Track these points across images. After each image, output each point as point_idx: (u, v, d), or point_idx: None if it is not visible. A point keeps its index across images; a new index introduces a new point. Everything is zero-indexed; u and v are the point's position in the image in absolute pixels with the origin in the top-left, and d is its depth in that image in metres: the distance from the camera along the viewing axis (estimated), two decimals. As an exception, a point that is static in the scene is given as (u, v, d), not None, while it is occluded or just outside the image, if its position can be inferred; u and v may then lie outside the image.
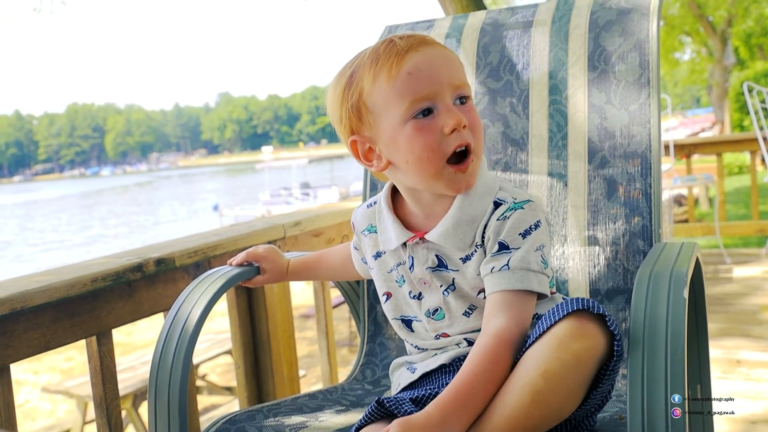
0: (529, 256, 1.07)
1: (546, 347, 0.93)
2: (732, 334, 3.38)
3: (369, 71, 1.11)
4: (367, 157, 1.17)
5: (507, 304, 1.05)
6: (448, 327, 1.19)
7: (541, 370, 0.92)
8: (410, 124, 1.08)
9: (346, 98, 1.14)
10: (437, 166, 1.08)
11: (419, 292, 1.21)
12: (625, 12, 1.53)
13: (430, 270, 1.17)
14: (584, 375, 0.94)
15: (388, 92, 1.09)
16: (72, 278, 1.36)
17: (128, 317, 1.51)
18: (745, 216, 7.80)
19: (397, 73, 1.08)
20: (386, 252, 1.23)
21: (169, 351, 1.21)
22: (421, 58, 1.09)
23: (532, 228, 1.09)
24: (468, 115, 1.10)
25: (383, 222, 1.23)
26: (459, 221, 1.13)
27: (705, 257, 5.15)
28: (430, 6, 63.34)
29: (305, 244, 2.07)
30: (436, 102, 1.08)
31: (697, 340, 1.30)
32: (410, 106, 1.07)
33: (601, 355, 0.94)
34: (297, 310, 7.25)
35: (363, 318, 1.70)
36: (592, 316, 0.95)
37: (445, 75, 1.09)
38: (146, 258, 1.53)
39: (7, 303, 1.23)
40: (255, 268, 1.42)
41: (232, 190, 49.68)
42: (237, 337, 1.89)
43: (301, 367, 5.48)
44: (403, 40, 1.10)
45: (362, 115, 1.13)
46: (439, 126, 1.07)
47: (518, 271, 1.06)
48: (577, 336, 0.93)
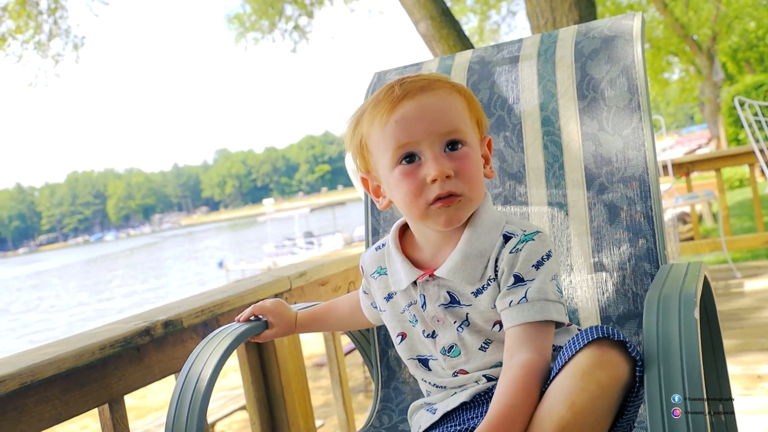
0: (546, 286, 1.08)
1: (570, 379, 0.93)
2: (750, 349, 3.34)
3: (369, 116, 1.16)
4: (376, 193, 1.24)
5: (529, 336, 1.06)
6: (465, 363, 1.18)
7: (567, 402, 0.91)
8: (398, 169, 1.13)
9: (354, 139, 1.21)
10: (421, 210, 1.12)
11: (432, 331, 1.20)
12: (608, 39, 1.55)
13: (442, 307, 1.17)
14: (610, 404, 0.93)
15: (379, 138, 1.14)
16: (80, 347, 1.35)
17: (139, 382, 1.49)
18: (750, 229, 7.77)
19: (387, 121, 1.13)
20: (397, 293, 1.24)
21: (182, 412, 1.19)
22: (412, 105, 1.12)
23: (544, 258, 1.10)
24: (457, 162, 1.11)
25: (392, 263, 1.24)
26: (468, 255, 1.14)
27: (714, 273, 5.11)
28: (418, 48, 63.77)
29: (312, 294, 2.06)
30: (422, 150, 1.11)
31: (714, 359, 1.29)
32: (394, 153, 1.13)
33: (625, 383, 0.94)
34: (309, 359, 7.20)
35: (375, 364, 1.69)
36: (612, 343, 0.95)
37: (434, 123, 1.11)
38: (154, 321, 1.52)
39: (16, 378, 1.22)
40: (263, 322, 1.41)
41: (237, 244, 49.73)
42: (250, 392, 1.87)
43: (318, 416, 5.42)
44: (403, 87, 1.14)
45: (365, 156, 1.21)
46: (423, 175, 1.11)
47: (537, 302, 1.07)
48: (600, 365, 0.93)
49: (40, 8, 9.74)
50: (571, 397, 0.91)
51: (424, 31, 5.66)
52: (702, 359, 0.90)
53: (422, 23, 5.63)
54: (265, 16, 12.55)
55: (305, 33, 12.69)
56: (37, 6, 9.68)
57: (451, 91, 1.16)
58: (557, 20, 5.02)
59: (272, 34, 12.74)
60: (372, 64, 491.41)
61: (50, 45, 10.05)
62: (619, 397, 0.94)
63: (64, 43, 10.21)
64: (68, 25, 10.21)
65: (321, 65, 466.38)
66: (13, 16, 9.46)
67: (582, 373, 0.92)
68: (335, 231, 28.20)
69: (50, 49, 10.09)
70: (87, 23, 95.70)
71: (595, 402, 0.91)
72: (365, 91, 1.77)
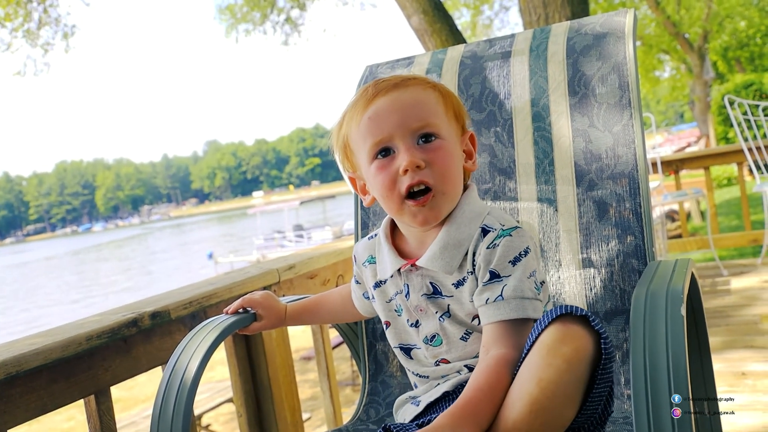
0: (522, 284, 1.09)
1: (536, 356, 0.94)
2: (735, 347, 3.37)
3: (348, 116, 1.22)
4: (363, 192, 1.27)
5: (505, 333, 1.07)
6: (446, 353, 1.21)
7: (535, 379, 0.92)
8: (374, 164, 1.17)
9: (338, 140, 1.25)
10: (397, 203, 1.15)
11: (416, 320, 1.23)
12: (600, 36, 1.55)
13: (425, 297, 1.20)
14: (577, 377, 0.94)
15: (357, 135, 1.19)
16: (67, 338, 1.34)
17: (126, 374, 1.49)
18: (737, 227, 7.82)
19: (361, 118, 1.17)
20: (386, 281, 1.26)
21: (169, 404, 1.19)
22: (384, 102, 1.16)
23: (521, 255, 1.11)
24: (429, 154, 1.14)
25: (381, 252, 1.27)
26: (446, 245, 1.16)
27: (701, 271, 5.14)
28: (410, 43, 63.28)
29: (300, 287, 2.06)
30: (395, 143, 1.15)
31: (700, 355, 1.30)
32: (371, 148, 1.16)
33: (591, 356, 0.95)
34: (297, 352, 7.20)
35: (363, 357, 1.69)
36: (575, 318, 0.96)
37: (406, 117, 1.14)
38: (141, 312, 1.52)
39: (1, 369, 1.22)
40: (251, 315, 1.41)
41: (226, 237, 49.58)
42: (237, 385, 1.86)
43: (305, 410, 5.42)
44: (377, 86, 1.18)
45: (348, 156, 1.25)
46: (396, 166, 1.13)
47: (513, 300, 1.08)
48: (564, 340, 0.94)
49: (29, -4, 9.66)
50: (538, 374, 0.92)
51: (417, 25, 5.65)
52: (688, 356, 0.91)
53: (415, 17, 5.63)
54: (256, 8, 12.49)
55: (297, 26, 12.65)
56: (26, -6, 9.60)
57: (425, 87, 1.19)
58: (550, 16, 5.03)
59: (264, 26, 12.68)
60: (364, 57, 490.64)
61: (40, 34, 9.98)
62: (586, 370, 0.95)
63: (54, 32, 10.14)
64: (58, 14, 10.16)
65: (312, 58, 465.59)
66: (2, 4, 9.39)
67: (547, 349, 0.93)
68: (325, 224, 28.16)
69: (40, 38, 10.02)
70: (77, 12, 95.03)
71: (562, 376, 0.92)
72: (356, 84, 1.76)
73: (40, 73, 10.64)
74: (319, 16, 17.40)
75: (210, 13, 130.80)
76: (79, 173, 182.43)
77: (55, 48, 10.32)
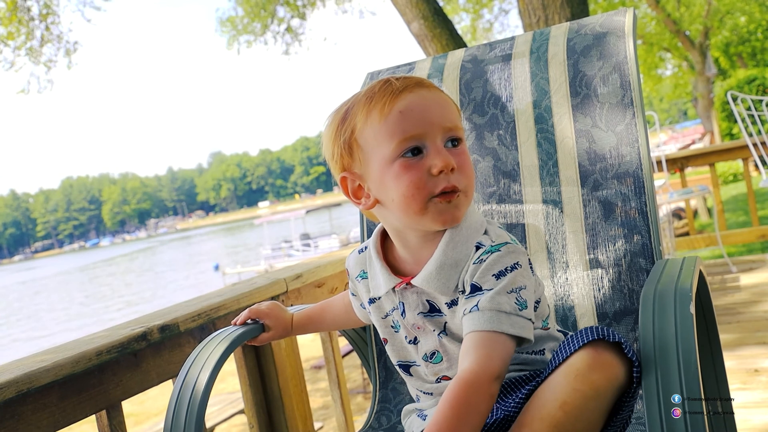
0: (500, 297, 1.03)
1: (564, 379, 0.92)
2: (747, 343, 3.35)
3: (363, 109, 1.12)
4: (356, 195, 1.18)
5: (474, 345, 1.00)
6: (447, 370, 1.17)
7: (559, 402, 0.91)
8: (398, 162, 1.08)
9: (339, 134, 1.15)
10: (422, 203, 1.08)
11: (414, 337, 1.20)
12: (600, 36, 1.55)
13: (422, 315, 1.16)
14: (603, 405, 0.93)
15: (379, 130, 1.10)
16: (77, 354, 1.35)
17: (136, 388, 1.49)
18: (745, 223, 7.80)
19: (389, 112, 1.09)
20: (380, 298, 1.22)
21: (180, 417, 1.19)
22: (414, 98, 1.10)
23: (507, 270, 1.05)
24: (458, 158, 1.10)
25: (373, 268, 1.23)
26: (443, 265, 1.11)
27: (710, 268, 5.12)
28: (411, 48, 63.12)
29: (308, 296, 2.06)
30: (426, 142, 1.08)
31: (711, 353, 1.29)
32: (399, 145, 1.08)
33: (620, 384, 0.93)
34: (307, 362, 7.20)
35: (373, 364, 1.69)
36: (608, 345, 0.94)
37: (437, 116, 1.09)
38: (150, 326, 1.52)
39: (13, 386, 1.22)
40: (259, 325, 1.41)
41: (233, 248, 49.68)
42: (248, 396, 1.86)
43: (317, 419, 5.41)
44: (400, 81, 1.11)
45: (353, 152, 1.14)
46: (427, 166, 1.07)
47: (487, 311, 1.01)
48: (595, 367, 0.92)
49: (31, 14, 9.72)
50: (563, 397, 0.91)
51: (417, 30, 5.66)
52: (699, 354, 0.90)
53: (415, 23, 5.64)
54: (257, 19, 12.54)
55: (297, 35, 12.69)
56: (28, 12, 9.66)
57: (440, 90, 1.16)
58: (549, 18, 5.03)
59: (264, 36, 12.73)
60: (365, 64, 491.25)
61: (42, 51, 10.03)
62: (613, 398, 0.94)
63: (56, 49, 10.19)
64: (60, 31, 10.20)
65: (314, 66, 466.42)
66: (4, 23, 9.44)
67: (576, 374, 0.92)
68: (331, 233, 28.20)
69: (42, 56, 10.07)
70: (79, 29, 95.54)
71: (588, 403, 0.91)
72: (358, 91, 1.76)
73: (44, 91, 10.69)
74: (319, 24, 17.46)
75: (211, 26, 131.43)
76: (85, 188, 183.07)
77: (57, 65, 10.37)
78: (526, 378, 1.10)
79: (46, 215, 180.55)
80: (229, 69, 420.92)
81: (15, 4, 9.37)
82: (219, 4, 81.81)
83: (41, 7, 9.81)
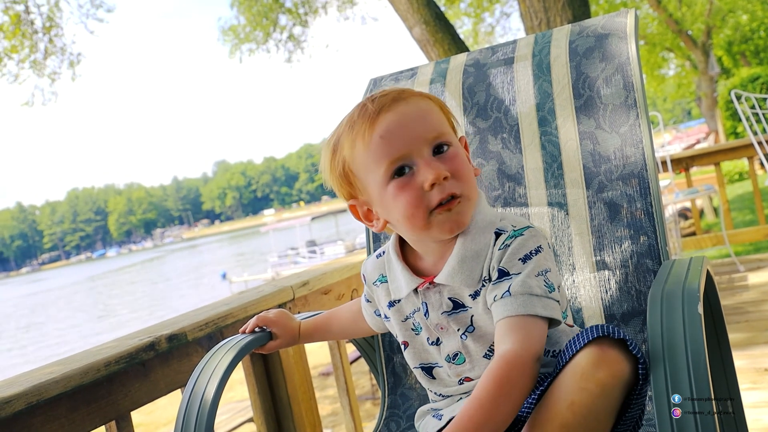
0: (530, 280, 1.05)
1: (570, 379, 0.92)
2: (756, 343, 3.33)
3: (347, 139, 1.14)
4: (367, 218, 1.20)
5: (511, 329, 1.02)
6: (470, 371, 1.17)
7: (567, 402, 0.90)
8: (392, 184, 1.10)
9: (334, 167, 1.18)
10: (423, 219, 1.09)
11: (437, 338, 1.19)
12: (602, 37, 1.55)
13: (446, 314, 1.16)
14: (611, 403, 0.93)
15: (365, 158, 1.11)
16: (85, 365, 1.35)
17: (145, 398, 1.49)
18: (752, 222, 7.77)
19: (371, 139, 1.10)
20: (401, 300, 1.22)
21: (189, 427, 1.19)
22: (392, 118, 1.10)
23: (532, 253, 1.07)
24: (449, 163, 1.09)
25: (393, 271, 1.23)
26: (464, 258, 1.12)
27: (717, 267, 5.10)
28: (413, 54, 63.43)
29: (315, 303, 2.06)
30: (414, 159, 1.09)
31: (720, 353, 1.29)
32: (387, 169, 1.09)
33: (627, 381, 0.93)
34: (316, 369, 7.19)
35: (381, 370, 1.68)
36: (613, 342, 0.94)
37: (419, 130, 1.10)
38: (158, 336, 1.52)
39: (22, 398, 1.22)
40: (267, 333, 1.41)
41: (240, 256, 49.74)
42: (257, 404, 1.86)
43: (326, 426, 5.41)
44: (375, 102, 1.12)
45: (351, 181, 1.17)
46: (420, 182, 1.08)
47: (520, 296, 1.03)
48: (600, 364, 0.92)
49: (35, 27, 9.77)
50: (570, 397, 0.90)
51: (419, 35, 5.67)
52: (708, 354, 0.90)
53: (417, 28, 5.65)
54: (259, 27, 12.57)
55: (300, 42, 12.72)
56: (32, 25, 9.71)
57: (422, 97, 1.15)
58: (551, 20, 5.03)
59: (267, 44, 12.76)
60: (367, 70, 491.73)
61: (46, 63, 10.07)
62: (620, 395, 0.93)
63: (60, 61, 10.24)
64: (63, 43, 10.25)
65: (317, 74, 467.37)
66: (8, 36, 9.49)
67: (582, 372, 0.92)
68: (337, 239, 28.22)
69: (46, 68, 10.12)
70: (82, 41, 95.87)
71: (595, 401, 0.90)
72: (361, 97, 1.77)
73: (48, 103, 10.74)
74: (321, 32, 17.49)
75: (213, 35, 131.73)
76: (91, 199, 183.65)
77: (61, 77, 10.41)
78: (540, 379, 1.10)
79: (53, 227, 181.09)
80: (232, 78, 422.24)
81: (19, 18, 9.42)
82: (221, 13, 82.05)
83: (45, 20, 9.86)
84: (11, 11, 9.35)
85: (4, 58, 9.64)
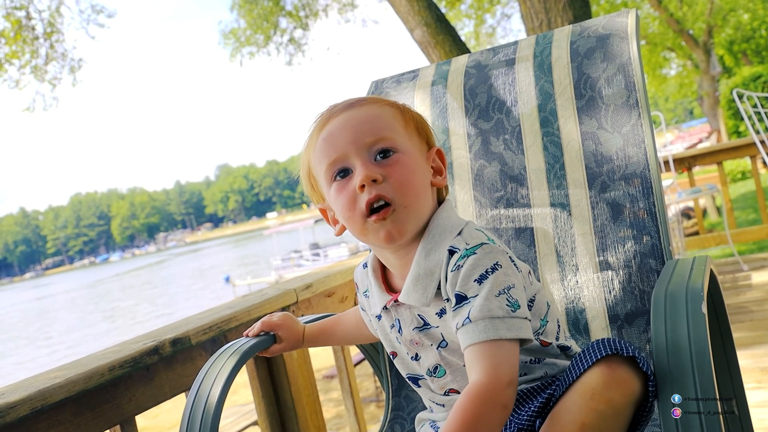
0: (490, 302, 0.98)
1: (580, 398, 0.92)
2: (761, 342, 3.32)
3: (307, 143, 1.17)
4: (334, 221, 1.20)
5: (477, 358, 0.96)
6: (452, 382, 1.16)
7: (578, 423, 0.90)
8: (333, 186, 1.12)
9: (303, 171, 1.20)
10: (359, 223, 1.09)
11: (415, 353, 1.18)
12: (603, 38, 1.55)
13: (417, 330, 1.15)
14: (622, 422, 0.92)
15: (314, 160, 1.14)
16: (89, 369, 1.35)
17: (150, 402, 1.49)
18: (755, 221, 7.76)
19: (316, 142, 1.13)
20: (380, 316, 1.22)
21: (194, 431, 1.19)
22: (338, 121, 1.12)
23: (488, 272, 1.01)
24: (387, 169, 1.07)
25: (371, 286, 1.22)
26: (418, 276, 1.09)
27: (721, 267, 5.09)
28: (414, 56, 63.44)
29: (319, 306, 2.06)
30: (352, 161, 1.09)
31: (725, 353, 1.28)
32: (327, 170, 1.11)
33: (637, 399, 0.93)
34: (319, 371, 7.19)
35: (385, 373, 1.68)
36: (622, 359, 0.93)
37: (360, 133, 1.09)
38: (162, 340, 1.52)
39: (27, 403, 1.22)
40: (271, 337, 1.41)
41: (243, 259, 49.78)
42: (261, 407, 1.86)
43: (330, 428, 5.41)
44: (330, 109, 1.15)
45: (314, 185, 1.19)
46: (353, 184, 1.08)
47: (480, 321, 0.97)
48: (611, 384, 0.91)
49: (36, 33, 9.78)
50: (581, 418, 0.90)
51: (420, 38, 5.67)
52: (712, 354, 0.90)
53: (418, 30, 5.65)
54: (259, 30, 12.58)
55: (300, 45, 12.73)
56: (33, 31, 9.73)
57: (381, 104, 1.15)
58: (552, 21, 5.03)
59: (267, 47, 12.77)
60: (369, 73, 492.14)
61: (47, 69, 10.08)
62: (630, 413, 0.93)
63: (61, 67, 10.25)
64: (64, 49, 10.26)
65: (318, 76, 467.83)
66: (9, 42, 9.51)
67: (592, 392, 0.91)
68: (341, 241, 28.21)
69: (47, 74, 10.13)
70: (83, 46, 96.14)
71: (606, 421, 0.90)
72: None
73: (50, 108, 10.75)
74: (321, 34, 17.46)
75: (214, 38, 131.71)
76: (94, 204, 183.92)
77: (62, 82, 10.43)
78: (538, 389, 1.09)
79: (56, 232, 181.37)
80: (233, 81, 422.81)
81: (20, 24, 9.44)
82: (221, 17, 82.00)
83: (46, 26, 9.88)
84: (12, 17, 9.37)
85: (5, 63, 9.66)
